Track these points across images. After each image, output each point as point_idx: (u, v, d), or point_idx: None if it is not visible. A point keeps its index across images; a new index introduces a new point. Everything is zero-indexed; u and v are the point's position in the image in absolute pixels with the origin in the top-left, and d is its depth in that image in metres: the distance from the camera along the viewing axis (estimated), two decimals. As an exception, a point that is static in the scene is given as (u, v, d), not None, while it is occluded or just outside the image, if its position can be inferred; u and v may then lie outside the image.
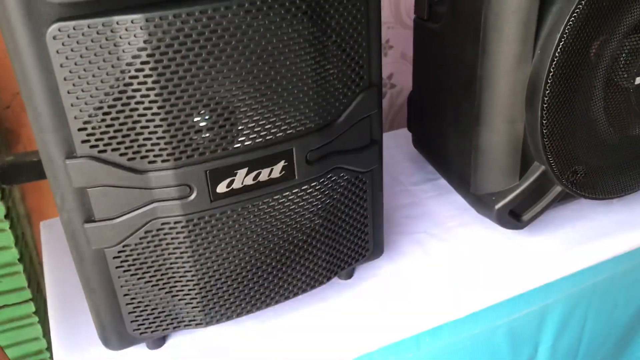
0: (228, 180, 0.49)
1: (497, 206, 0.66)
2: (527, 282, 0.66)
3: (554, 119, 0.59)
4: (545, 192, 0.67)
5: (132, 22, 0.41)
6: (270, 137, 0.50)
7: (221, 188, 0.49)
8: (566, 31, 0.55)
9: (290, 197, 0.53)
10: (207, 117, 0.46)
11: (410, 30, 1.01)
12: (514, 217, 0.68)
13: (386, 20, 0.98)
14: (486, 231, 0.72)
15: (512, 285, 0.66)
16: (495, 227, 0.70)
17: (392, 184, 0.83)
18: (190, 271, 0.52)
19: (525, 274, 0.67)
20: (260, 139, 0.49)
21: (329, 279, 0.60)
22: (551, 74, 0.56)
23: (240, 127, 0.48)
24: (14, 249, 0.85)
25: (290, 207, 0.54)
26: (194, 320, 0.55)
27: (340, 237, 0.59)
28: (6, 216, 0.83)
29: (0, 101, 0.86)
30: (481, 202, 0.68)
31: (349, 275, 0.65)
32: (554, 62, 0.56)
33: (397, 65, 1.04)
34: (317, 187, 0.54)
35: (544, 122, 0.59)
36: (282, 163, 0.51)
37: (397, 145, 0.93)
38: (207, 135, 0.47)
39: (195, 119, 0.46)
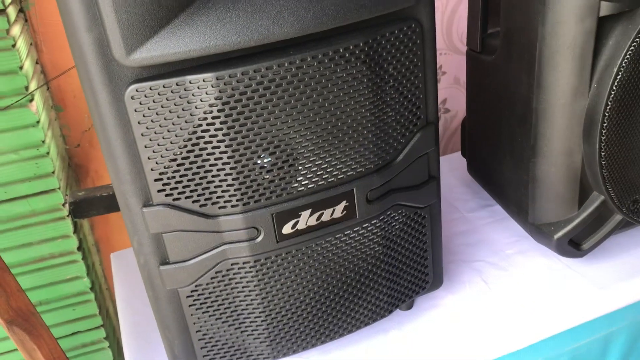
0: (293, 221, 0.52)
1: (557, 236, 0.66)
2: (589, 311, 0.66)
3: (613, 151, 0.59)
4: (605, 220, 0.66)
5: (203, 80, 0.44)
6: (332, 179, 0.52)
7: (286, 229, 0.52)
8: (623, 65, 0.55)
9: (351, 235, 0.55)
10: (272, 162, 0.49)
11: (463, 55, 1.02)
12: (574, 245, 0.68)
13: (439, 47, 0.99)
14: (545, 259, 0.72)
15: (574, 314, 0.66)
16: (554, 254, 0.70)
17: (449, 211, 0.84)
18: (258, 308, 0.54)
19: (587, 303, 0.66)
20: (323, 182, 0.51)
21: (390, 311, 0.61)
22: (609, 107, 0.57)
23: (303, 171, 0.50)
24: (85, 278, 0.89)
25: (352, 245, 0.55)
26: (262, 354, 0.57)
27: (401, 271, 0.60)
28: (79, 248, 0.87)
29: (70, 139, 0.91)
30: (540, 231, 0.68)
31: (409, 307, 0.66)
32: (612, 96, 0.56)
33: (450, 91, 1.05)
34: (377, 225, 0.56)
35: (603, 154, 0.59)
36: (343, 203, 0.53)
37: (452, 169, 0.94)
38: (271, 177, 0.49)
39: (260, 161, 0.49)
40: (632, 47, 0.55)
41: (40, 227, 0.84)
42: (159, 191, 0.48)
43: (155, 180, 0.47)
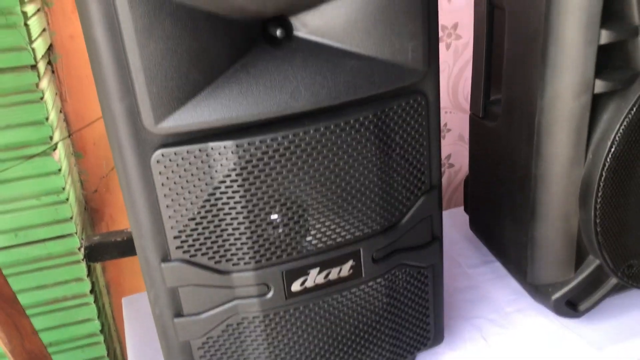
0: (302, 279, 0.55)
1: (554, 297, 0.68)
2: (585, 371, 0.68)
3: (607, 218, 0.62)
4: (602, 283, 0.69)
5: (224, 147, 0.48)
6: (340, 239, 0.55)
7: (295, 287, 0.55)
8: (617, 138, 0.59)
9: (357, 293, 0.58)
10: (284, 223, 0.52)
11: (467, 113, 1.06)
12: (571, 306, 0.70)
13: (444, 106, 1.03)
14: (543, 318, 0.74)
15: (570, 374, 0.67)
16: (553, 314, 0.72)
17: (451, 266, 0.87)
18: (266, 361, 0.57)
19: (584, 363, 0.68)
20: (331, 242, 0.54)
21: (392, 366, 0.64)
22: (603, 177, 0.60)
23: (313, 231, 0.53)
24: (96, 321, 0.92)
25: (357, 302, 0.58)
26: (267, 405, 0.59)
27: (404, 327, 0.63)
28: (91, 291, 0.90)
29: (88, 184, 0.95)
30: (538, 291, 0.70)
31: (411, 361, 0.68)
32: (606, 167, 0.59)
33: (454, 147, 1.09)
34: (382, 283, 0.59)
35: (598, 221, 0.62)
36: (350, 262, 0.56)
37: (454, 224, 0.97)
38: (282, 237, 0.52)
39: (273, 219, 0.52)
40: (625, 122, 0.58)
41: (56, 270, 0.87)
42: (177, 248, 0.51)
43: (175, 237, 0.51)
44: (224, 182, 0.49)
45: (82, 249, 0.87)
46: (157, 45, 0.43)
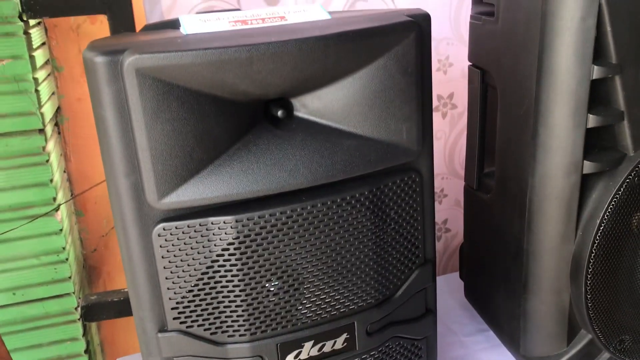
0: (296, 352, 0.55)
1: (547, 370, 0.69)
2: None
3: (598, 294, 0.63)
4: (594, 357, 0.69)
5: (224, 222, 0.49)
6: (335, 312, 0.56)
7: (289, 359, 0.55)
8: (605, 217, 0.60)
9: (351, 366, 0.58)
10: (280, 296, 0.53)
11: (463, 179, 1.08)
12: (564, 380, 0.70)
13: (440, 172, 1.06)
14: (537, 390, 0.75)
15: None
16: (546, 387, 0.72)
17: (445, 334, 0.87)
18: None
19: None
20: (326, 314, 0.55)
21: None
22: (593, 254, 0.61)
23: (308, 304, 0.54)
24: (89, 381, 0.91)
25: (351, 375, 0.59)
26: None
27: (396, 400, 0.63)
28: (86, 351, 0.90)
29: (88, 242, 0.96)
30: (531, 363, 0.71)
31: None
32: (595, 244, 0.61)
33: (451, 212, 1.10)
34: (375, 356, 0.59)
35: (589, 296, 0.63)
36: (344, 335, 0.57)
37: (450, 290, 0.97)
38: (277, 310, 0.53)
39: (269, 297, 0.53)
40: (613, 202, 0.60)
41: (52, 329, 0.87)
42: (174, 318, 0.52)
43: (172, 308, 0.52)
44: (222, 255, 0.50)
45: (79, 309, 0.88)
46: (164, 126, 0.46)
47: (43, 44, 0.83)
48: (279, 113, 0.50)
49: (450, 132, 1.04)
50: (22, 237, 0.81)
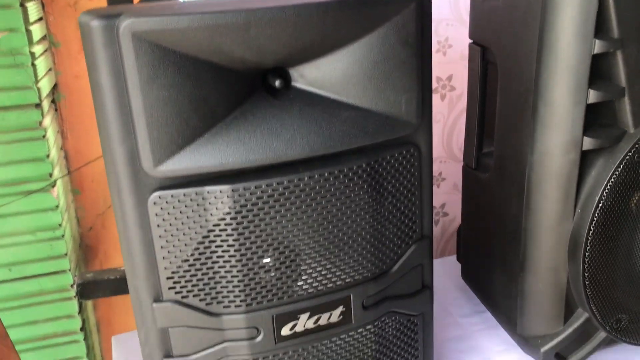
0: (292, 323, 0.55)
1: (543, 349, 0.68)
2: None
3: (596, 272, 0.63)
4: (590, 336, 0.69)
5: (220, 191, 0.49)
6: (331, 285, 0.55)
7: (285, 331, 0.55)
8: (604, 195, 0.60)
9: (346, 340, 0.58)
10: (276, 266, 0.53)
11: (462, 163, 1.08)
12: (560, 359, 0.70)
13: (439, 155, 1.05)
14: (533, 370, 0.75)
15: None
16: (542, 367, 0.72)
17: (442, 315, 0.87)
18: (253, 405, 0.57)
19: (572, 418, 0.68)
20: (322, 287, 0.55)
21: (379, 415, 0.63)
22: (591, 232, 0.61)
23: (304, 276, 0.54)
24: (85, 359, 0.91)
25: (347, 349, 0.58)
26: None
27: (392, 376, 0.63)
28: (81, 328, 0.90)
29: (84, 221, 0.96)
30: (527, 343, 0.71)
31: (399, 411, 0.68)
32: (594, 222, 0.61)
33: (449, 196, 1.10)
34: (371, 330, 0.59)
35: (586, 274, 0.63)
36: (340, 308, 0.57)
37: (447, 272, 0.97)
38: (273, 281, 0.53)
39: (265, 262, 0.52)
40: (612, 179, 0.60)
41: (47, 306, 0.87)
42: (169, 288, 0.52)
43: (167, 278, 0.51)
44: (218, 225, 0.50)
45: (75, 286, 0.87)
46: (160, 92, 0.45)
47: (40, 19, 0.83)
48: (277, 83, 0.50)
49: (448, 115, 1.03)
50: (18, 212, 0.81)
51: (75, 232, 0.93)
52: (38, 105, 0.78)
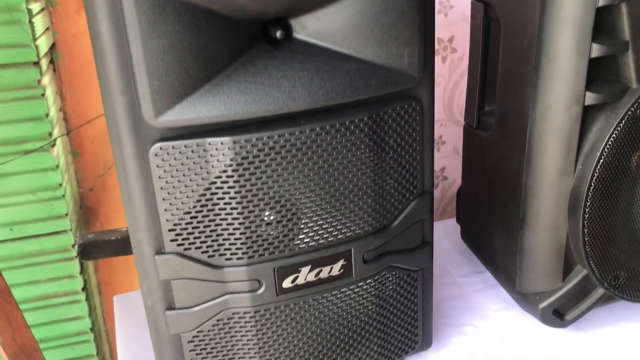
0: (293, 276, 0.55)
1: (541, 305, 0.69)
2: (570, 380, 0.69)
3: (595, 228, 0.63)
4: (588, 293, 0.70)
5: (221, 143, 0.49)
6: (332, 238, 0.56)
7: (286, 283, 0.55)
8: (605, 150, 0.60)
9: (347, 293, 0.58)
10: (277, 220, 0.53)
11: (462, 126, 1.08)
12: (558, 316, 0.71)
13: (439, 118, 1.05)
14: (531, 327, 0.75)
15: (555, 383, 0.68)
16: (540, 323, 0.73)
17: (441, 275, 0.87)
18: (255, 357, 0.57)
19: (569, 373, 0.69)
20: (323, 240, 0.55)
21: (379, 369, 0.64)
22: (592, 187, 0.61)
23: (305, 229, 0.54)
24: (87, 319, 0.92)
25: (347, 302, 0.59)
26: (255, 402, 0.60)
27: (392, 330, 0.63)
28: (83, 288, 0.90)
29: (84, 183, 0.96)
30: (526, 300, 0.71)
31: (398, 365, 0.69)
32: (595, 177, 0.61)
33: (449, 159, 1.10)
34: (371, 284, 0.60)
35: (586, 230, 0.63)
36: (341, 262, 0.57)
37: (446, 235, 0.98)
38: (275, 234, 0.53)
39: (266, 217, 0.53)
40: (614, 135, 0.60)
41: (49, 266, 0.87)
42: (171, 240, 0.52)
43: (169, 230, 0.51)
44: (219, 177, 0.50)
45: (76, 246, 0.88)
46: (160, 40, 0.45)
47: (36, -24, 0.81)
48: (278, 34, 0.50)
49: (449, 77, 1.03)
50: (18, 172, 0.81)
51: (75, 193, 0.93)
52: (36, 64, 0.77)
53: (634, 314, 0.77)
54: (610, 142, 0.60)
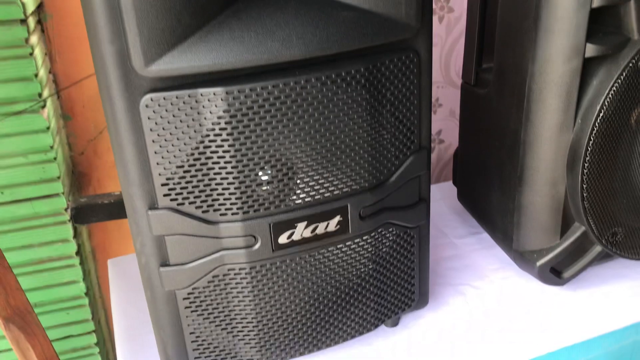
0: (289, 232, 0.55)
1: (539, 263, 0.69)
2: (567, 337, 0.69)
3: (594, 184, 0.62)
4: (586, 251, 0.69)
5: (214, 94, 0.47)
6: (328, 194, 0.55)
7: (282, 239, 0.55)
8: (605, 103, 0.59)
9: (343, 249, 0.58)
10: (271, 174, 0.52)
11: (459, 89, 1.06)
12: (555, 274, 0.70)
13: (436, 80, 1.03)
14: (527, 286, 0.75)
15: (551, 339, 0.68)
16: (537, 282, 0.73)
17: (438, 236, 0.87)
18: (251, 314, 0.57)
19: (566, 330, 0.69)
20: (319, 196, 0.54)
21: (376, 325, 0.64)
22: (591, 142, 0.60)
23: (301, 185, 0.53)
24: (81, 283, 0.91)
25: (344, 259, 0.58)
26: (251, 359, 0.60)
27: (389, 287, 0.63)
28: (77, 253, 0.90)
29: (76, 147, 0.94)
30: (523, 258, 0.71)
31: (395, 323, 0.69)
32: (594, 132, 0.60)
33: (445, 122, 1.09)
34: (368, 241, 0.59)
35: (584, 186, 0.62)
36: (337, 218, 0.56)
37: (443, 197, 0.97)
38: (270, 189, 0.52)
39: (261, 176, 0.52)
40: (615, 87, 0.58)
41: (42, 229, 0.86)
42: (164, 195, 0.51)
43: (162, 185, 0.50)
44: (212, 129, 0.49)
45: (69, 210, 0.87)
46: (149, -16, 0.43)
47: None
48: (272, -19, 0.48)
49: (446, 38, 1.01)
50: (9, 134, 0.79)
51: (67, 157, 0.91)
52: (23, 22, 0.75)
53: (631, 272, 0.77)
54: (610, 95, 0.59)
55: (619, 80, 0.58)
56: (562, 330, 0.69)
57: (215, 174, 0.50)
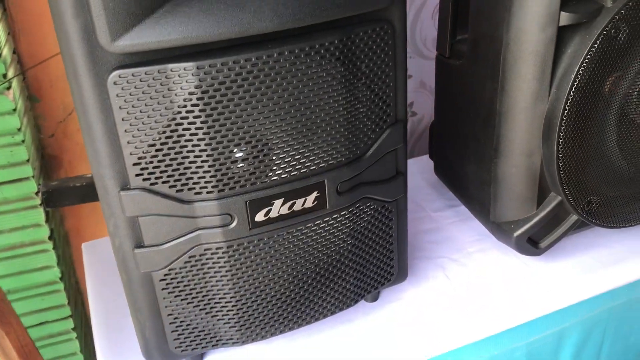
0: (266, 209, 0.54)
1: (516, 234, 0.69)
2: (544, 306, 0.69)
3: (569, 153, 0.63)
4: (562, 220, 0.70)
5: (184, 69, 0.46)
6: (305, 170, 0.54)
7: (259, 217, 0.54)
8: (580, 72, 0.59)
9: (321, 225, 0.57)
10: (247, 151, 0.51)
11: (428, 60, 1.05)
12: (532, 244, 0.71)
13: (407, 52, 1.02)
14: (505, 257, 0.76)
15: (529, 308, 0.69)
16: (514, 253, 0.74)
17: (415, 210, 0.87)
18: (229, 293, 0.56)
19: (543, 298, 0.70)
20: (295, 172, 0.54)
21: (356, 301, 0.64)
22: (566, 111, 0.60)
23: (277, 161, 0.52)
24: (55, 268, 0.90)
25: (322, 235, 0.58)
26: (231, 339, 0.59)
27: (367, 262, 0.63)
28: (50, 237, 0.88)
29: (45, 130, 0.92)
30: (500, 229, 0.71)
31: (375, 298, 0.69)
32: (569, 101, 0.60)
33: (416, 94, 1.08)
34: (346, 216, 0.58)
35: (560, 155, 0.62)
36: (314, 194, 0.55)
37: (419, 171, 0.97)
38: (246, 166, 0.51)
39: (236, 153, 0.51)
40: (589, 56, 0.58)
41: (12, 215, 0.84)
42: (136, 175, 0.50)
43: (134, 164, 0.49)
44: (184, 106, 0.47)
45: (40, 194, 0.85)
46: (112, -45, 0.41)
47: None
48: (241, -49, 0.46)
49: (409, 7, 0.99)
50: (-28, 117, 0.77)
51: (36, 140, 0.89)
52: (-17, -1, 0.72)
53: (606, 241, 0.78)
54: (585, 64, 0.59)
55: (593, 49, 0.58)
56: (539, 299, 0.70)
57: (188, 152, 0.49)
